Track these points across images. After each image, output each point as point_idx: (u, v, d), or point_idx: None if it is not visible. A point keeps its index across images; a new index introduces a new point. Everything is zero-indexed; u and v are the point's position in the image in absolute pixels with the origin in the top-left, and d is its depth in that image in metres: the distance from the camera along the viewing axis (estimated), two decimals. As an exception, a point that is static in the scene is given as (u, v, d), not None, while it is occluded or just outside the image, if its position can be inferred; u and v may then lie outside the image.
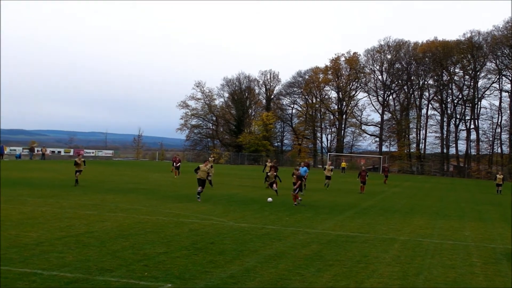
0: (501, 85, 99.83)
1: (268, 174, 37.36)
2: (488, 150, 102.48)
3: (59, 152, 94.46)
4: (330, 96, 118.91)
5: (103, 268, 12.44)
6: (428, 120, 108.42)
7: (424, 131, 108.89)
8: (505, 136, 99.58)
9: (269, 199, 30.00)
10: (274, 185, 34.35)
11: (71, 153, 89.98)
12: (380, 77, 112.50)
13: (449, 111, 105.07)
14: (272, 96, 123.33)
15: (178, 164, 50.26)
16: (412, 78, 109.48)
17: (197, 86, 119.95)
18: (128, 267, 12.70)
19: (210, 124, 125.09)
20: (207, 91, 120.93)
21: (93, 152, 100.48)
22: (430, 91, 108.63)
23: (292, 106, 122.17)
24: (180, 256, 14.29)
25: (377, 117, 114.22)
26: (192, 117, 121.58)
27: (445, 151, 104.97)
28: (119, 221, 20.10)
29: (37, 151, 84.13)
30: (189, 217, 22.06)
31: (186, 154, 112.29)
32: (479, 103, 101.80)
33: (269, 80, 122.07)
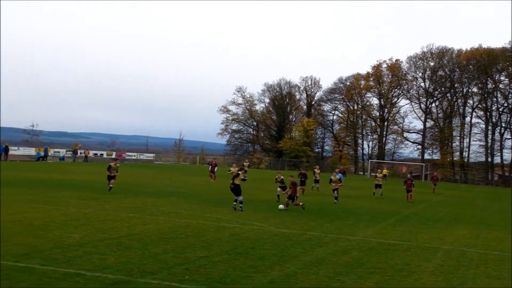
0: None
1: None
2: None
3: (102, 154, 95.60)
4: (372, 102, 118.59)
5: (144, 270, 12.54)
6: (472, 128, 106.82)
7: (468, 139, 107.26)
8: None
9: (281, 206, 28.89)
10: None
11: (113, 156, 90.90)
12: (422, 84, 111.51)
13: (494, 120, 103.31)
14: (313, 102, 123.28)
15: (214, 169, 50.43)
16: (456, 85, 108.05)
17: (238, 91, 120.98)
18: (169, 270, 12.77)
19: (251, 129, 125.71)
20: (248, 96, 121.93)
21: (134, 155, 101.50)
22: (474, 99, 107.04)
23: (333, 112, 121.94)
24: (221, 260, 14.31)
25: (419, 125, 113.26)
26: (233, 122, 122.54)
27: (489, 160, 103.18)
28: (160, 224, 20.24)
29: (80, 153, 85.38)
30: (230, 222, 22.09)
31: (227, 158, 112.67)
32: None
33: (310, 86, 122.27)
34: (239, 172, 28.90)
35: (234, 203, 26.88)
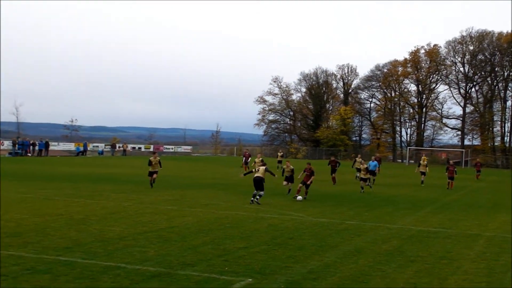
0: None
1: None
2: None
3: (140, 148, 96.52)
4: (410, 89, 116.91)
5: (184, 262, 12.65)
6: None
7: (509, 123, 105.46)
8: None
9: (299, 197, 27.54)
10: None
11: (151, 149, 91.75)
12: (461, 69, 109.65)
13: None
14: (350, 90, 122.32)
15: (248, 160, 50.57)
16: (496, 69, 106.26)
17: (274, 81, 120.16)
18: (209, 261, 12.86)
19: (288, 119, 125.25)
20: (284, 86, 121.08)
21: (172, 148, 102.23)
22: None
23: (370, 100, 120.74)
24: (260, 251, 14.36)
25: (458, 110, 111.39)
26: (270, 112, 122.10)
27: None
28: (199, 216, 20.39)
29: (119, 147, 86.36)
30: (268, 212, 22.14)
31: (264, 149, 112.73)
32: None
33: (346, 74, 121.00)
34: (263, 164, 27.49)
35: (253, 198, 25.06)
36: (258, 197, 24.89)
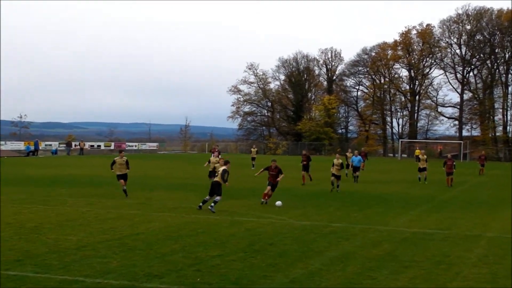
0: None
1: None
2: None
3: (99, 146, 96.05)
4: (401, 75, 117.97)
5: (150, 273, 12.60)
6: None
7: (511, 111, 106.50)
8: None
9: (278, 202, 25.52)
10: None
11: (112, 147, 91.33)
12: (458, 51, 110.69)
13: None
14: (334, 77, 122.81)
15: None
16: (497, 51, 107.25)
17: (249, 69, 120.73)
18: (179, 272, 12.83)
19: (265, 111, 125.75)
20: (261, 73, 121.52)
21: (136, 145, 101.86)
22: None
23: (357, 87, 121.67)
24: (236, 259, 14.35)
25: (455, 97, 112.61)
26: (245, 103, 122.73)
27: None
28: (167, 221, 20.33)
29: (75, 145, 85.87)
30: (245, 215, 22.14)
31: (239, 145, 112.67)
32: None
33: (330, 59, 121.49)
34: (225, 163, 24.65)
35: (201, 204, 23.59)
36: (213, 203, 23.01)
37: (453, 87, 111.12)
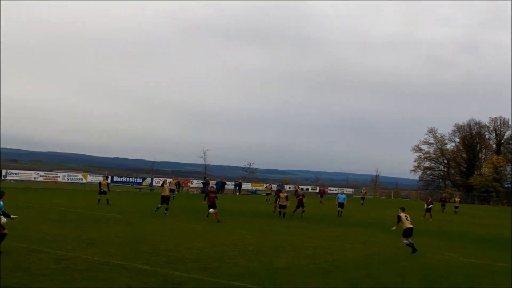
0: None
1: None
2: None
3: (307, 189, 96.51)
4: None
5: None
6: None
7: None
8: None
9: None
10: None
11: (317, 190, 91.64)
12: None
13: None
14: (502, 141, 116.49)
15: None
16: None
17: (430, 132, 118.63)
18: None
19: (442, 166, 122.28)
20: (439, 136, 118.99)
21: (336, 190, 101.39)
22: None
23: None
24: (414, 287, 13.54)
25: None
26: (425, 160, 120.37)
27: None
28: (357, 251, 19.80)
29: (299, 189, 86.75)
30: (420, 251, 20.94)
31: (419, 193, 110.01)
32: None
33: (499, 126, 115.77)
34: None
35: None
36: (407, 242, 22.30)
37: None
